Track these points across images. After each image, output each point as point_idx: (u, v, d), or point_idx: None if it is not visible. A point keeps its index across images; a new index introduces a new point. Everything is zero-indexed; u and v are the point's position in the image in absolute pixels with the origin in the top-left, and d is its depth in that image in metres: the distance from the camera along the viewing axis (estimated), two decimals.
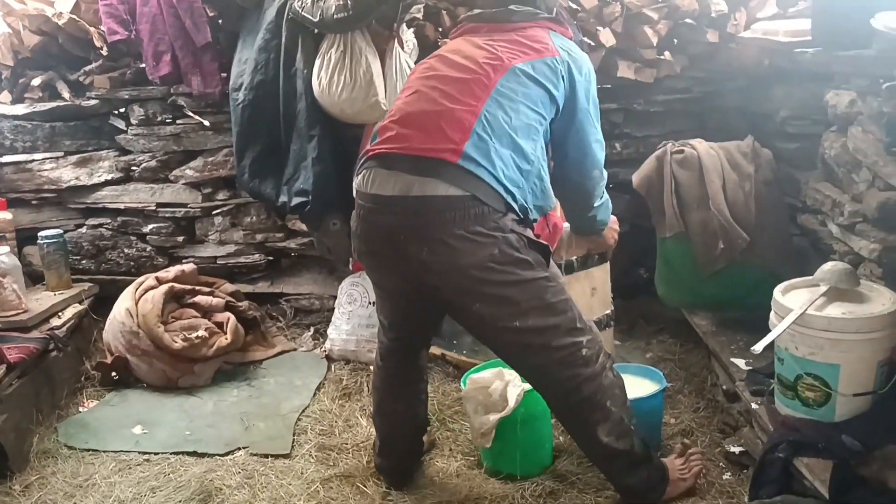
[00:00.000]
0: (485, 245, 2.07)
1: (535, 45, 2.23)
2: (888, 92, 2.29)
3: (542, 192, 2.22)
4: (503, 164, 2.09)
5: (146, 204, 3.86)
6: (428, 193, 2.06)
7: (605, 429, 2.24)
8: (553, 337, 2.17)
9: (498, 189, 2.08)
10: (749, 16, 3.62)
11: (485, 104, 2.11)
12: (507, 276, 2.10)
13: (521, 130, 2.13)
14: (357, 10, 3.02)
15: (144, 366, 3.35)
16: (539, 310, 2.15)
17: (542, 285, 2.15)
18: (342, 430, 2.97)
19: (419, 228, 2.09)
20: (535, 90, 2.17)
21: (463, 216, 2.05)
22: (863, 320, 2.15)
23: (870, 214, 2.46)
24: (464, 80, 2.16)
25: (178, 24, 3.51)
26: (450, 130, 2.09)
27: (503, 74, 2.15)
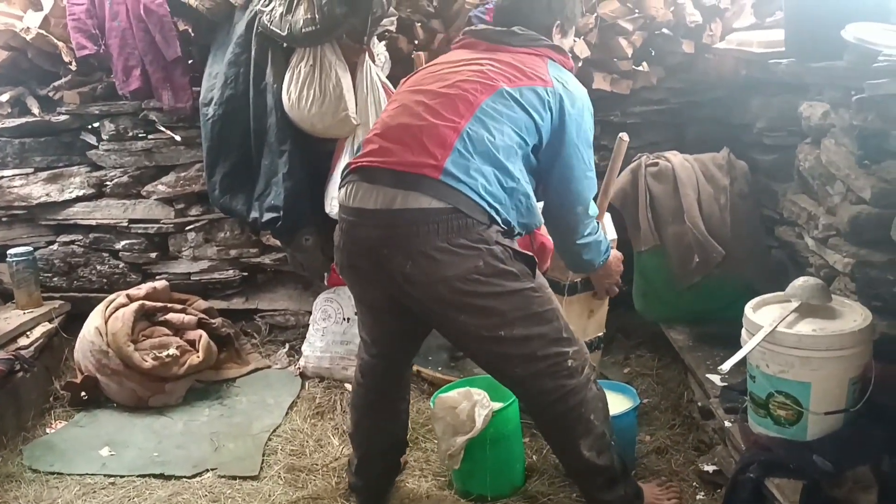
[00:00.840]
0: (469, 257, 2.05)
1: (528, 72, 2.21)
2: (858, 104, 2.25)
3: (528, 209, 2.18)
4: (485, 181, 2.07)
5: (118, 220, 3.81)
6: (410, 206, 2.04)
7: (586, 443, 2.22)
8: (538, 347, 2.14)
9: (481, 203, 2.06)
10: (725, 26, 3.59)
11: (468, 122, 2.10)
12: (492, 288, 2.08)
13: (504, 150, 2.11)
14: (325, 24, 2.99)
15: (114, 385, 3.30)
16: (524, 319, 2.12)
17: (528, 296, 2.13)
18: (313, 451, 2.92)
19: (402, 241, 2.06)
20: (521, 115, 2.15)
21: (446, 228, 2.03)
22: (833, 337, 2.11)
23: (842, 228, 2.43)
24: (449, 96, 2.15)
25: (147, 38, 3.47)
26: (431, 146, 2.07)
27: (490, 95, 2.14)
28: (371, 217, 2.10)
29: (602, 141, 3.75)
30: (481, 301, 2.08)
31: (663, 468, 2.63)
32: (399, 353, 2.48)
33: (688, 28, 3.54)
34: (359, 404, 2.54)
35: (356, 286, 2.32)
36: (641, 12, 3.50)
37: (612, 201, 3.28)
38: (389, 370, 2.48)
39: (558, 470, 2.69)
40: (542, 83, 2.20)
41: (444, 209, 2.03)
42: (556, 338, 2.16)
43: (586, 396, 2.20)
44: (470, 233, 2.05)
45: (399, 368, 2.51)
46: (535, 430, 2.87)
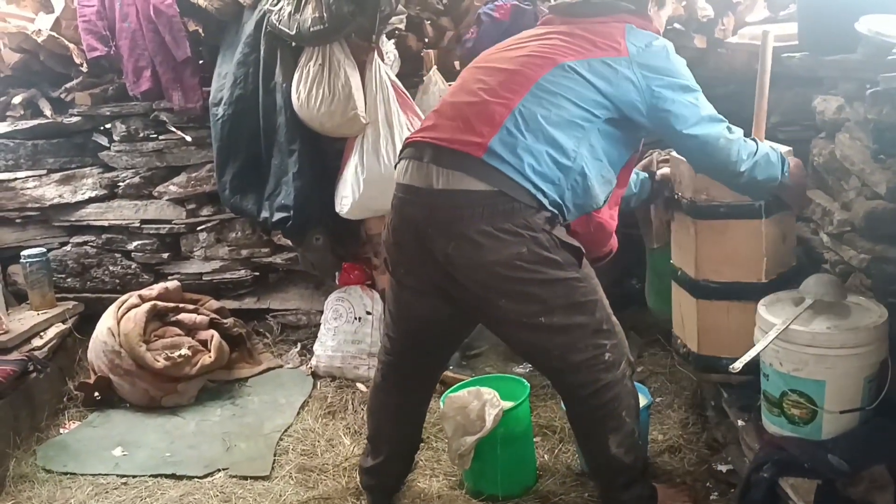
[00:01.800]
0: (512, 243, 2.02)
1: (600, 42, 2.14)
2: (873, 98, 2.21)
3: (585, 190, 2.11)
4: (533, 160, 2.02)
5: (130, 221, 3.83)
6: (454, 187, 2.03)
7: (616, 439, 2.19)
8: (578, 337, 2.11)
9: (526, 185, 2.01)
10: (738, 20, 3.55)
11: (522, 98, 2.06)
12: (534, 275, 2.04)
13: (561, 126, 2.05)
14: (333, 23, 2.98)
15: (127, 385, 3.31)
16: (566, 308, 2.09)
17: (571, 285, 2.09)
18: (324, 450, 2.92)
19: (446, 222, 2.05)
20: (585, 88, 2.09)
21: (491, 212, 2.01)
22: (848, 335, 2.08)
23: (857, 223, 2.39)
24: (507, 72, 2.12)
25: (157, 39, 3.48)
26: (479, 124, 2.05)
27: (549, 70, 2.09)
28: (417, 195, 2.10)
29: None
30: (523, 287, 2.05)
31: (676, 467, 2.61)
32: (424, 351, 2.41)
33: (700, 23, 3.50)
34: (379, 408, 2.51)
35: (399, 266, 2.27)
36: None
37: None
38: (412, 371, 2.43)
39: (570, 469, 2.67)
40: (616, 52, 2.12)
41: (489, 192, 2.01)
42: (596, 329, 2.13)
43: (621, 392, 2.17)
44: (515, 217, 2.01)
45: (424, 370, 2.47)
46: (546, 430, 2.87)
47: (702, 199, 2.47)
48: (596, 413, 2.18)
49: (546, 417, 2.95)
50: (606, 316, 2.17)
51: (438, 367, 2.55)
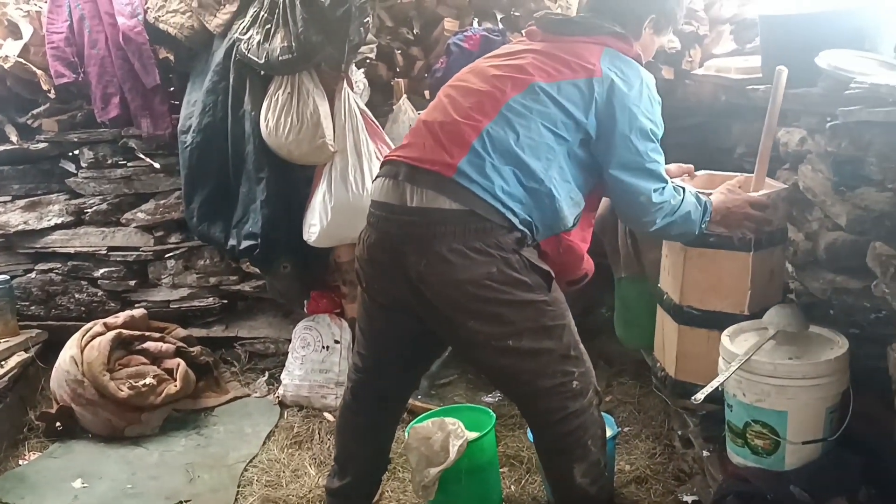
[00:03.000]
0: (483, 262, 2.02)
1: (573, 63, 2.13)
2: (832, 131, 2.25)
3: (554, 212, 2.10)
4: (503, 181, 2.03)
5: (97, 248, 3.79)
6: (427, 205, 2.04)
7: (581, 469, 2.17)
8: (546, 362, 2.10)
9: (496, 205, 2.02)
10: (705, 52, 3.60)
11: (491, 121, 2.07)
12: (503, 296, 2.04)
13: (530, 148, 2.06)
14: (302, 52, 2.98)
15: (89, 415, 3.25)
16: (534, 331, 2.08)
17: (540, 308, 2.09)
18: (289, 481, 2.88)
19: (419, 240, 2.05)
20: (555, 111, 2.09)
21: (463, 231, 2.02)
22: (809, 366, 2.09)
23: (819, 255, 2.41)
24: (478, 93, 2.13)
25: (126, 66, 3.47)
26: (449, 145, 2.07)
27: (520, 91, 2.10)
28: (392, 211, 2.10)
29: None
30: (492, 308, 2.05)
31: (643, 498, 2.60)
32: (394, 370, 2.39)
33: (667, 54, 3.55)
34: (347, 427, 2.49)
35: (372, 282, 2.26)
36: None
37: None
38: (381, 390, 2.41)
39: (537, 500, 2.66)
40: (587, 74, 2.11)
41: (462, 211, 2.01)
42: (564, 355, 2.13)
43: (587, 421, 2.16)
44: (487, 237, 2.02)
45: (392, 390, 2.45)
46: (513, 460, 2.85)
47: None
48: (562, 441, 2.17)
49: (513, 447, 2.93)
50: (574, 342, 2.17)
51: (408, 386, 2.54)
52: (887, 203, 2.04)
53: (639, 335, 3.16)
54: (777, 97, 2.52)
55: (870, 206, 2.12)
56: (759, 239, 2.45)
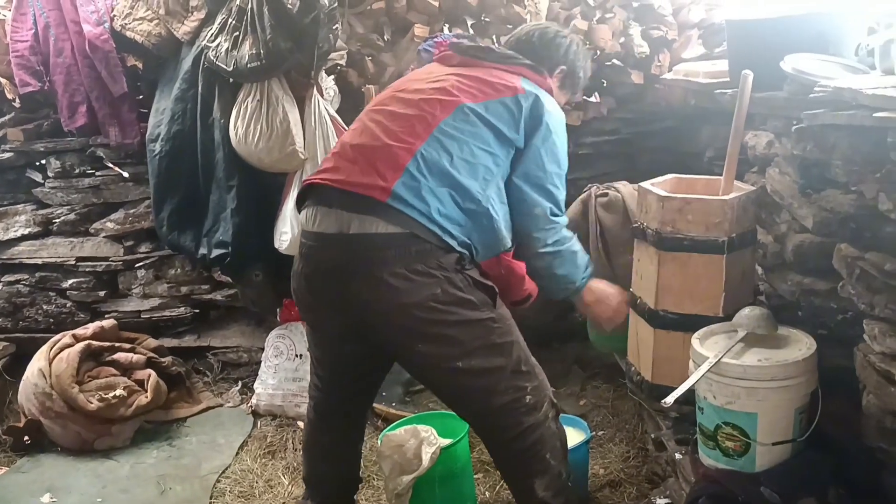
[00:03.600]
0: (426, 284, 2.01)
1: (497, 84, 2.16)
2: (798, 134, 2.27)
3: (492, 231, 2.10)
4: (439, 203, 2.02)
5: (66, 258, 3.74)
6: (367, 231, 2.01)
7: (542, 483, 2.16)
8: (497, 380, 2.10)
9: (433, 228, 2.01)
10: (674, 57, 3.64)
11: (423, 143, 2.06)
12: (449, 316, 2.03)
13: (465, 169, 2.06)
14: (270, 60, 2.97)
15: (58, 428, 3.21)
16: (483, 350, 2.07)
17: (487, 325, 2.08)
18: (262, 492, 2.86)
19: (359, 267, 2.03)
20: (485, 130, 2.10)
21: (403, 254, 2.00)
22: (778, 367, 2.10)
23: (787, 257, 2.44)
24: (407, 116, 2.11)
25: (93, 74, 3.43)
26: (382, 168, 2.04)
27: (450, 113, 2.10)
28: (330, 241, 2.07)
29: None
30: (439, 329, 2.04)
31: (617, 502, 2.61)
32: (353, 389, 2.40)
33: (637, 59, 3.58)
34: (313, 445, 2.48)
35: (314, 312, 2.25)
36: (590, 44, 3.53)
37: None
38: (343, 408, 2.41)
39: None
40: (512, 92, 2.15)
41: (401, 234, 2.00)
42: (515, 370, 2.11)
43: (545, 435, 2.15)
44: (428, 259, 2.01)
45: (354, 406, 2.45)
46: (487, 466, 2.85)
47: (667, 230, 2.50)
48: (520, 457, 2.17)
49: (487, 454, 2.90)
50: (525, 357, 2.16)
51: (368, 401, 2.53)
52: (852, 205, 2.06)
53: (612, 339, 3.16)
54: (743, 101, 2.54)
55: (835, 209, 2.14)
56: (731, 240, 2.47)
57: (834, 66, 2.38)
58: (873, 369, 1.93)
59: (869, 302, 1.93)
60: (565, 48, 2.39)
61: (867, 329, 1.95)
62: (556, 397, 3.19)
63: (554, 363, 3.64)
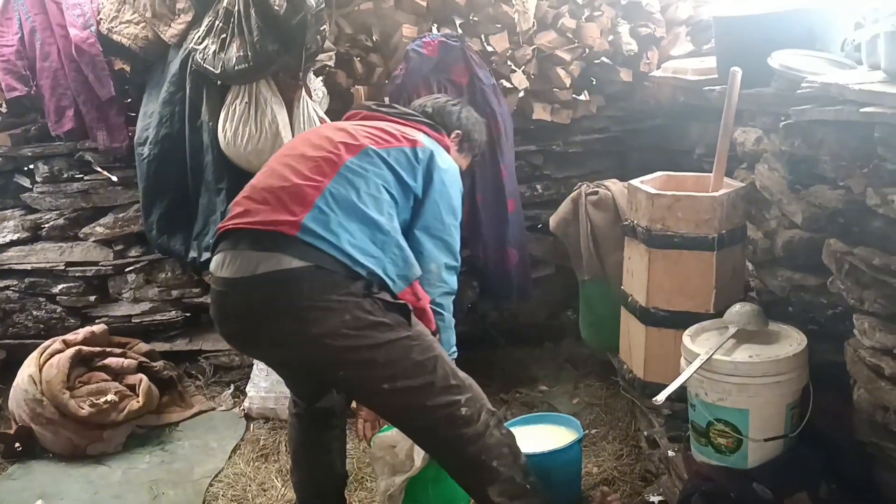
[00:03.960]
0: (335, 312, 2.00)
1: (398, 135, 2.24)
2: (786, 130, 2.28)
3: (404, 260, 2.12)
4: (349, 236, 2.04)
5: (55, 263, 3.71)
6: (273, 269, 2.01)
7: (496, 490, 2.14)
8: (426, 397, 2.09)
9: (343, 259, 2.02)
10: (662, 54, 3.64)
11: (332, 180, 2.10)
12: (364, 341, 2.02)
13: (371, 204, 2.10)
14: (258, 62, 2.96)
15: (50, 435, 3.19)
16: (406, 369, 2.07)
17: (406, 345, 2.07)
18: (255, 495, 2.85)
19: (267, 305, 2.04)
20: (387, 173, 2.16)
21: (310, 287, 2.00)
22: (769, 363, 2.11)
23: (777, 253, 2.44)
24: (315, 158, 2.16)
25: (80, 78, 3.41)
26: (291, 204, 2.07)
27: (356, 154, 2.16)
28: (237, 286, 2.07)
29: (545, 170, 3.77)
30: (355, 355, 2.04)
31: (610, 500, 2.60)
32: (315, 396, 2.43)
33: (625, 57, 3.58)
34: (294, 438, 2.52)
35: (242, 350, 2.34)
36: (579, 42, 3.54)
37: (554, 231, 3.29)
38: (312, 408, 2.44)
39: None
40: (412, 144, 2.22)
41: (307, 268, 2.00)
42: (444, 386, 2.10)
43: (486, 443, 2.13)
44: (336, 288, 2.01)
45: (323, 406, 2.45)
46: None
47: (657, 228, 2.51)
48: (468, 468, 2.16)
49: None
50: (451, 371, 2.13)
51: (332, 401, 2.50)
52: (840, 200, 2.07)
53: (604, 337, 3.17)
54: (732, 98, 2.55)
55: (824, 204, 2.15)
56: (721, 237, 2.47)
57: (821, 62, 2.39)
58: (864, 364, 1.93)
59: (858, 297, 1.94)
60: (457, 115, 2.51)
61: (857, 324, 1.96)
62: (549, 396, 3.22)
63: (546, 362, 3.66)
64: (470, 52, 3.35)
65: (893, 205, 1.76)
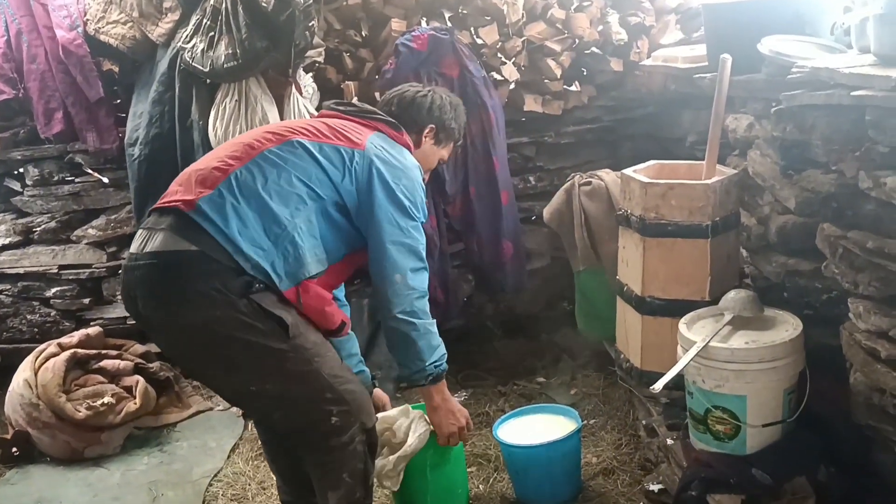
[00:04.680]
0: (205, 305, 1.98)
1: (340, 133, 2.21)
2: (777, 116, 2.28)
3: (296, 259, 2.07)
4: (240, 223, 2.02)
5: (48, 267, 3.70)
6: (157, 249, 2.01)
7: (335, 496, 2.17)
8: (296, 404, 2.12)
9: (227, 247, 2.00)
10: (652, 43, 3.64)
11: (242, 165, 2.09)
12: (233, 341, 2.01)
13: (278, 195, 2.07)
14: (247, 59, 2.94)
15: (47, 439, 3.17)
16: (276, 376, 2.07)
17: (279, 356, 2.04)
18: (255, 494, 2.84)
19: (145, 285, 2.04)
20: (311, 166, 2.12)
21: (188, 273, 1.99)
22: (765, 349, 2.11)
23: (771, 238, 2.44)
24: (241, 144, 2.18)
25: (68, 79, 3.40)
26: (196, 186, 2.07)
27: (279, 144, 2.14)
28: (131, 260, 2.08)
29: (538, 162, 3.77)
30: (224, 352, 2.03)
31: (610, 489, 2.60)
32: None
33: (615, 46, 3.58)
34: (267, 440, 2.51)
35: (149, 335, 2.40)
36: (569, 33, 3.53)
37: (548, 222, 3.29)
38: None
39: (505, 498, 2.65)
40: (351, 145, 2.18)
41: (190, 252, 1.98)
42: (317, 398, 2.09)
43: (345, 457, 2.15)
44: (212, 279, 1.98)
45: None
46: (481, 459, 2.85)
47: (651, 216, 2.50)
48: (320, 468, 2.19)
49: (480, 447, 2.92)
50: (327, 385, 2.10)
51: None
52: (832, 184, 2.07)
53: (600, 327, 3.18)
54: (722, 85, 2.55)
55: (816, 188, 2.15)
56: (715, 224, 2.47)
57: (811, 47, 2.39)
58: (860, 347, 1.94)
59: (853, 280, 1.94)
60: (427, 107, 2.42)
61: (852, 307, 1.96)
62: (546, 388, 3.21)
63: (544, 353, 3.66)
64: (460, 44, 3.35)
65: (885, 187, 1.76)
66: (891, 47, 1.86)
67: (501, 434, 2.64)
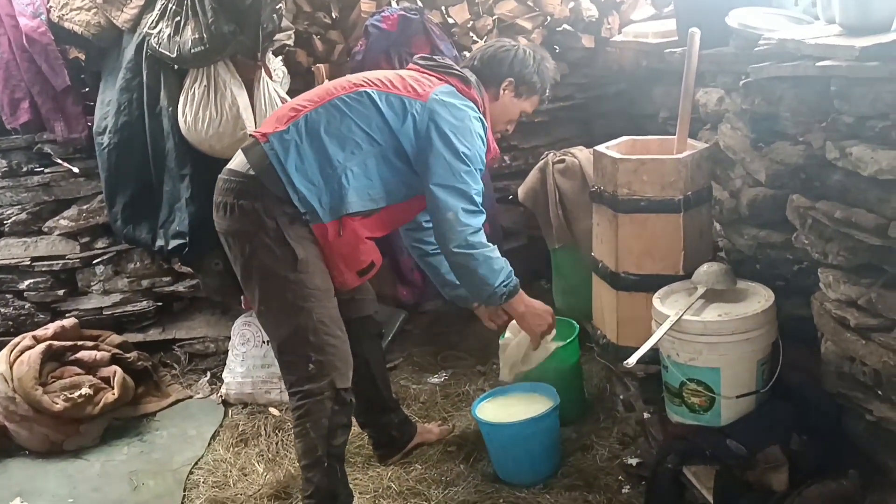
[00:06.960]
0: (244, 220, 2.27)
1: (408, 85, 2.36)
2: (745, 89, 2.28)
3: (340, 197, 2.28)
4: (298, 159, 2.26)
5: (20, 259, 3.67)
6: (230, 167, 2.37)
7: (300, 447, 2.36)
8: (285, 337, 2.32)
9: (282, 177, 2.25)
10: (623, 19, 3.62)
11: (314, 109, 2.32)
12: (254, 258, 2.29)
13: (336, 138, 2.28)
14: (214, 44, 2.91)
15: (24, 432, 3.16)
16: (276, 302, 2.31)
17: (283, 283, 2.28)
18: (237, 480, 2.84)
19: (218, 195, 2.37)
20: (374, 115, 2.31)
21: (240, 188, 2.29)
22: (738, 321, 2.13)
23: (743, 211, 2.46)
24: (323, 88, 2.44)
25: (33, 68, 3.35)
26: (275, 122, 2.34)
27: (349, 92, 2.34)
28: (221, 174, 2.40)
29: (513, 141, 3.76)
30: (244, 263, 2.32)
31: (589, 465, 2.62)
32: None
33: (586, 23, 3.56)
34: None
35: None
36: (539, 10, 3.51)
37: (523, 201, 3.28)
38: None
39: (486, 476, 2.66)
40: (416, 96, 2.33)
41: (246, 174, 2.28)
42: (303, 337, 2.29)
43: (312, 407, 2.30)
44: (256, 200, 2.25)
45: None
46: (461, 438, 2.86)
47: (623, 192, 2.51)
48: (295, 412, 2.35)
49: (461, 426, 2.94)
50: (313, 328, 2.29)
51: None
52: (801, 156, 2.08)
53: (577, 304, 3.18)
54: (692, 59, 2.55)
55: (785, 160, 2.16)
56: (687, 198, 2.48)
57: (779, 18, 2.39)
58: (830, 316, 1.96)
59: (822, 251, 1.96)
60: (509, 61, 2.52)
61: (822, 277, 1.98)
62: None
63: None
64: (430, 24, 3.33)
65: (851, 157, 1.77)
66: (856, 17, 1.87)
67: (481, 413, 2.66)
